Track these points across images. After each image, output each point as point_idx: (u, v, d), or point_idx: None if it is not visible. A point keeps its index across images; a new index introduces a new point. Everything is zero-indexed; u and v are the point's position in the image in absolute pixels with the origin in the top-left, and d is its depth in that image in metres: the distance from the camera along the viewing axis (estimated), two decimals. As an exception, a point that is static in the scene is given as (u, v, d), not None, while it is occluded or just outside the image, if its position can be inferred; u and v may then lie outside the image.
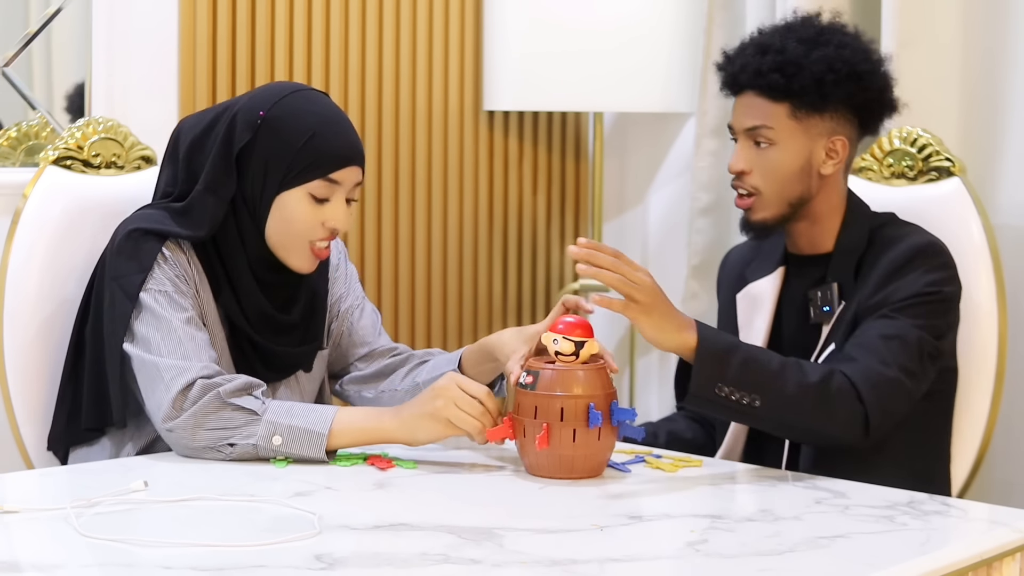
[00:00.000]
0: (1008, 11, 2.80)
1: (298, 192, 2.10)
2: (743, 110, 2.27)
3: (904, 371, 2.10)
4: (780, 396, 1.96)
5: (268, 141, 2.10)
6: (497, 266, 3.45)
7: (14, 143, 2.72)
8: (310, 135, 2.09)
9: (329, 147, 2.10)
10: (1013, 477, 2.79)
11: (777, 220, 2.28)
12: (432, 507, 1.81)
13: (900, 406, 2.12)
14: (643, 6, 3.22)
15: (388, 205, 3.23)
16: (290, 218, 2.11)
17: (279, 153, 2.09)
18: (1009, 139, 2.81)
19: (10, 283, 2.29)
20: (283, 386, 2.21)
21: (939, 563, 1.62)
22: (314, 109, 2.12)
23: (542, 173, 3.54)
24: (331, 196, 2.11)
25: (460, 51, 3.34)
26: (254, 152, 2.10)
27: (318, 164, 2.09)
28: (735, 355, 1.96)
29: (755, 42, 2.28)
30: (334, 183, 2.11)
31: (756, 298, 2.35)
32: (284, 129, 2.10)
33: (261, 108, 2.11)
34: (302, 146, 2.09)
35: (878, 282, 2.19)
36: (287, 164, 2.09)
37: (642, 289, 1.93)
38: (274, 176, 2.10)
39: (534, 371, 1.94)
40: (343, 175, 2.11)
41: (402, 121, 3.24)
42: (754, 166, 2.26)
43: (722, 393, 1.91)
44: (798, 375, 2.01)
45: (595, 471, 1.95)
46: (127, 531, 1.63)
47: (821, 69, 2.21)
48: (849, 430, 2.04)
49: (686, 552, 1.62)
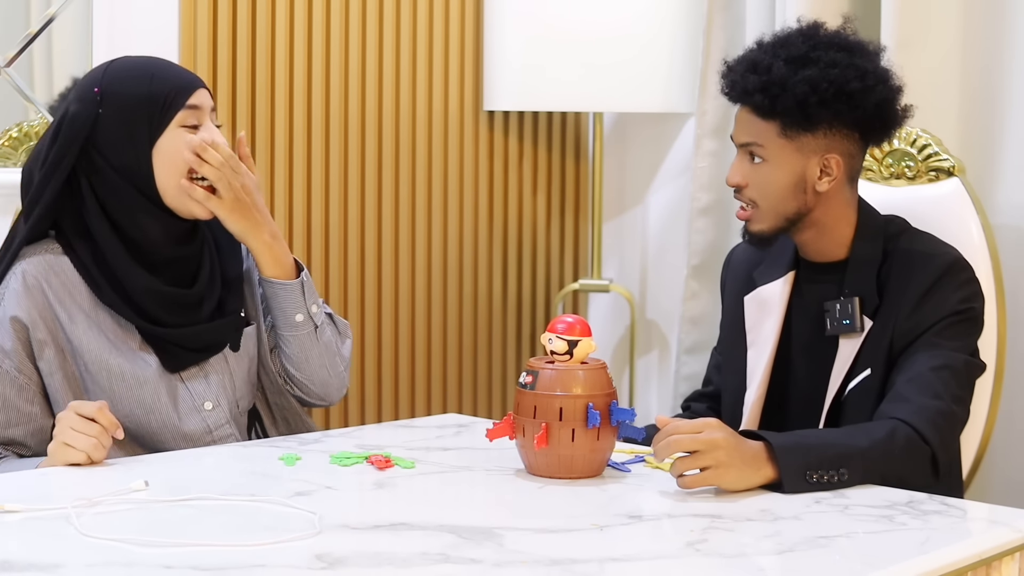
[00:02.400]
0: (1008, 11, 2.80)
1: (169, 133, 2.12)
2: (739, 124, 2.27)
3: (955, 400, 2.13)
4: (863, 461, 1.97)
5: (117, 106, 2.11)
6: (497, 266, 3.45)
7: (14, 143, 2.72)
8: (150, 78, 2.11)
9: (172, 79, 2.13)
10: (1013, 476, 2.79)
11: (775, 232, 2.27)
12: (432, 507, 1.81)
13: (958, 436, 2.18)
14: (643, 7, 3.22)
15: (388, 205, 3.23)
16: (173, 158, 2.12)
17: (133, 108, 2.11)
18: (1009, 139, 2.81)
19: (10, 283, 2.29)
20: (212, 370, 2.18)
21: (939, 563, 1.62)
22: (139, 62, 2.16)
23: (542, 173, 3.54)
24: (199, 121, 2.14)
25: (460, 51, 3.34)
26: (106, 125, 2.11)
27: (173, 97, 2.12)
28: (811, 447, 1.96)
29: (748, 58, 2.26)
30: (195, 108, 2.13)
31: (765, 302, 2.33)
32: (125, 88, 2.11)
33: (92, 87, 2.12)
34: (148, 91, 2.11)
35: (911, 305, 2.19)
36: (146, 112, 2.11)
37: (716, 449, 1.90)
38: (140, 131, 2.11)
39: (533, 371, 1.95)
40: (198, 98, 2.13)
41: (402, 121, 3.24)
42: (749, 180, 2.25)
43: (813, 479, 1.92)
44: (870, 436, 2.02)
45: (595, 471, 1.95)
46: (127, 531, 1.63)
47: (804, 91, 2.17)
48: (923, 475, 2.06)
49: (686, 552, 1.62)
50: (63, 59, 2.80)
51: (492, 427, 2.00)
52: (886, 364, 2.19)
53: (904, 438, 2.03)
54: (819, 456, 1.93)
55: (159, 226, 2.14)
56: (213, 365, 2.19)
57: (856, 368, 2.21)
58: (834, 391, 2.21)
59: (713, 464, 1.88)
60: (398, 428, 2.28)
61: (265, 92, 2.99)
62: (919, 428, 2.05)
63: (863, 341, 2.20)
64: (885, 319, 2.20)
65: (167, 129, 2.11)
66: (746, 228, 2.29)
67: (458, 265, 3.37)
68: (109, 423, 1.95)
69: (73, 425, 1.94)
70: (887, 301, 2.21)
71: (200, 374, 2.17)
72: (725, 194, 3.25)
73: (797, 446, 1.94)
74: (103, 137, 2.11)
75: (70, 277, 2.12)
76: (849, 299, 2.22)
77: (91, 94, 2.11)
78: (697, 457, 1.88)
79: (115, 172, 2.11)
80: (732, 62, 2.30)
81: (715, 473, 1.88)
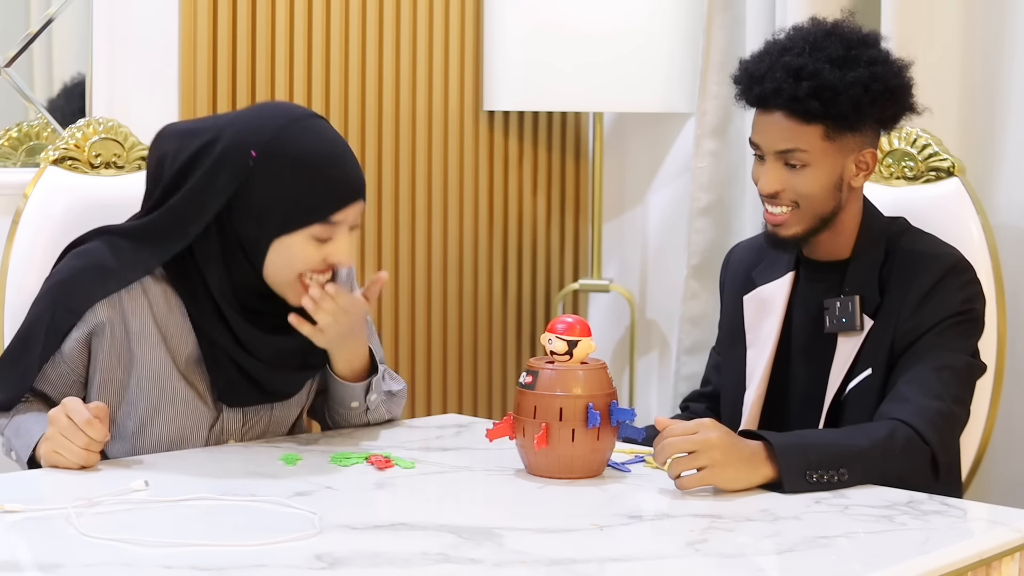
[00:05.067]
0: (1008, 11, 2.80)
1: (299, 236, 2.02)
2: (774, 132, 2.20)
3: (956, 401, 2.13)
4: (862, 461, 1.97)
5: (262, 186, 2.00)
6: (497, 266, 3.45)
7: (15, 143, 2.72)
8: (309, 180, 2.00)
9: (329, 189, 2.01)
10: (1013, 476, 2.79)
11: (807, 234, 2.23)
12: (432, 507, 1.81)
13: (958, 437, 2.17)
14: (643, 7, 3.22)
15: (388, 205, 3.23)
16: (290, 261, 2.03)
17: (275, 199, 2.00)
18: (1009, 139, 2.81)
19: (10, 283, 2.30)
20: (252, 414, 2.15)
21: (939, 563, 1.62)
22: (310, 147, 2.01)
23: (542, 173, 3.54)
24: (333, 235, 2.03)
25: (460, 51, 3.34)
26: (249, 193, 2.01)
27: (318, 208, 2.01)
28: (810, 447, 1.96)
29: (784, 64, 2.19)
30: (336, 224, 2.03)
31: (765, 302, 2.33)
32: (279, 173, 1.99)
33: (252, 146, 2.00)
34: (300, 192, 2.00)
35: (912, 306, 2.18)
36: (285, 211, 2.00)
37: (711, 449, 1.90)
38: (271, 222, 2.02)
39: (533, 371, 1.95)
40: (345, 214, 2.03)
41: (402, 121, 3.24)
42: (786, 186, 2.21)
43: (813, 479, 1.92)
44: (870, 437, 2.01)
45: (594, 471, 1.95)
46: (127, 531, 1.63)
47: (858, 92, 2.15)
48: (923, 475, 2.05)
49: (686, 552, 1.62)
50: (63, 59, 2.80)
51: (492, 427, 2.00)
52: (887, 364, 2.19)
53: (904, 439, 2.03)
54: (819, 456, 1.93)
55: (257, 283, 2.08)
56: (257, 409, 2.16)
57: (856, 368, 2.21)
58: (834, 391, 2.21)
59: (709, 464, 1.88)
60: (398, 428, 2.28)
61: (265, 92, 2.99)
62: (919, 429, 2.05)
63: (864, 341, 2.20)
64: (886, 319, 2.20)
65: (296, 232, 2.02)
66: (775, 232, 2.25)
67: (458, 265, 3.37)
68: (100, 436, 1.90)
69: (64, 432, 1.90)
70: (888, 300, 2.21)
71: (240, 411, 2.15)
72: (725, 194, 3.26)
73: (797, 446, 1.94)
74: (238, 198, 2.02)
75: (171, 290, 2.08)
76: (849, 297, 2.21)
77: (247, 153, 2.00)
78: (693, 457, 1.88)
79: (234, 234, 2.04)
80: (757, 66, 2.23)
81: (711, 473, 1.88)
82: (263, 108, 2.12)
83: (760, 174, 2.23)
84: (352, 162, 2.05)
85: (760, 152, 2.24)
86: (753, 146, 2.25)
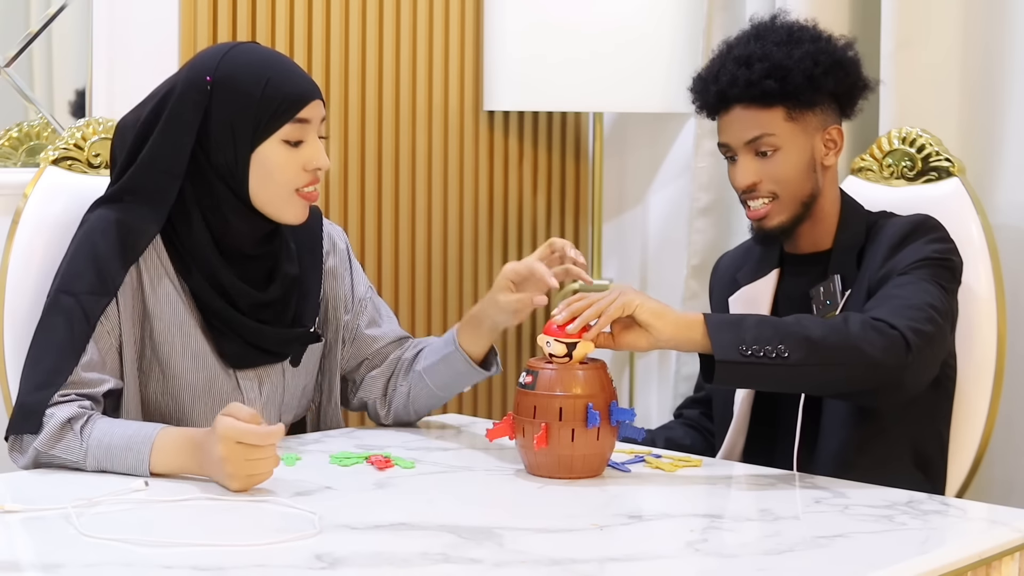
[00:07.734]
0: (1008, 11, 2.80)
1: (272, 142, 2.08)
2: (738, 125, 2.28)
3: (930, 305, 2.08)
4: (807, 340, 1.93)
5: (225, 102, 2.08)
6: (497, 266, 3.45)
7: (15, 143, 2.72)
8: (265, 82, 2.07)
9: (288, 87, 2.08)
10: (1013, 476, 2.79)
11: (792, 222, 2.29)
12: (432, 507, 1.81)
13: (932, 332, 2.05)
14: (643, 7, 3.23)
15: (388, 205, 3.23)
16: (271, 170, 2.09)
17: (241, 110, 2.07)
18: (1008, 139, 2.81)
19: (10, 283, 2.29)
20: (267, 379, 2.17)
21: (938, 563, 1.62)
22: (258, 58, 2.11)
23: (542, 173, 3.54)
24: (304, 137, 2.10)
25: (460, 51, 3.34)
26: (213, 119, 2.08)
27: (283, 108, 2.07)
28: (746, 319, 1.97)
29: (734, 57, 2.29)
30: (303, 122, 2.09)
31: (751, 299, 2.35)
32: (238, 85, 2.07)
33: (205, 74, 2.09)
34: (261, 95, 2.07)
35: (883, 255, 2.21)
36: (253, 117, 2.07)
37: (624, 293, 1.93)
38: (243, 134, 2.08)
39: (533, 371, 1.95)
40: (309, 111, 2.10)
41: (402, 121, 3.24)
42: (762, 176, 2.27)
43: (748, 352, 1.89)
44: (817, 320, 2.01)
45: (594, 471, 1.95)
46: (127, 531, 1.63)
47: (808, 65, 2.24)
48: (890, 355, 1.98)
49: (686, 552, 1.62)
50: (63, 59, 2.80)
51: (492, 427, 2.00)
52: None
53: (861, 320, 2.00)
54: (755, 332, 1.92)
55: (245, 226, 2.12)
56: (269, 374, 2.17)
57: None
58: None
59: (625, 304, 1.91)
60: (398, 428, 2.28)
61: (265, 92, 2.99)
62: (883, 317, 2.02)
63: (841, 307, 2.22)
64: (860, 281, 2.22)
65: (268, 139, 2.08)
66: (761, 226, 2.29)
67: (458, 265, 3.37)
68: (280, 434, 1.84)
69: (249, 456, 1.81)
70: (863, 268, 2.24)
71: (254, 378, 2.16)
72: (725, 194, 3.26)
73: (733, 319, 1.97)
74: (205, 130, 2.08)
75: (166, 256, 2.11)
76: (830, 279, 2.24)
77: (202, 82, 2.08)
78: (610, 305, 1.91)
79: (212, 169, 2.09)
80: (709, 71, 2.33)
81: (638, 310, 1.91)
82: (202, 51, 2.20)
83: (735, 173, 2.30)
84: (302, 69, 2.16)
85: (731, 152, 2.31)
86: (723, 148, 2.33)
